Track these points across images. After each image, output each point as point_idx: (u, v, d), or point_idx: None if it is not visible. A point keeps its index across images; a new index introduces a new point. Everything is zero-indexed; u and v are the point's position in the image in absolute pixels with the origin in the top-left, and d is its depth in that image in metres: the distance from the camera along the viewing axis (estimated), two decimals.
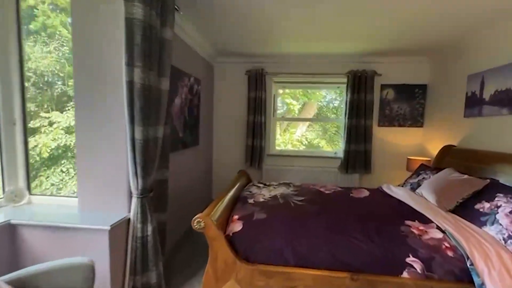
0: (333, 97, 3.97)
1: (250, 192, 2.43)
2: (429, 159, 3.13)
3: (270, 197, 2.26)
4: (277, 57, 3.61)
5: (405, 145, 3.59)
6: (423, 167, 2.74)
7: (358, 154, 3.54)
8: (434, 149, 3.21)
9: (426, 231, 1.69)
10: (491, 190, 1.84)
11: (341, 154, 3.65)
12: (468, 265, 1.43)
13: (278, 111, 4.10)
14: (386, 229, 1.69)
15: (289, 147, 4.10)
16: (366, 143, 3.53)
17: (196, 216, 1.56)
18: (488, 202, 1.77)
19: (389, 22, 2.40)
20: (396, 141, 3.60)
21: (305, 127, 4.26)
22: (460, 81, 2.81)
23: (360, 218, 1.85)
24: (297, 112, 4.13)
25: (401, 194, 2.37)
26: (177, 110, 2.45)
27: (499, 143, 2.30)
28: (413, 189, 2.54)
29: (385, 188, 2.67)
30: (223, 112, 3.88)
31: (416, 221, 1.83)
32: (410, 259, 1.49)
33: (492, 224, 1.64)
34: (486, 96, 2.42)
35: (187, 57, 2.74)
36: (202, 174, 3.42)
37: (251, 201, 2.16)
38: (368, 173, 3.58)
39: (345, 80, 3.55)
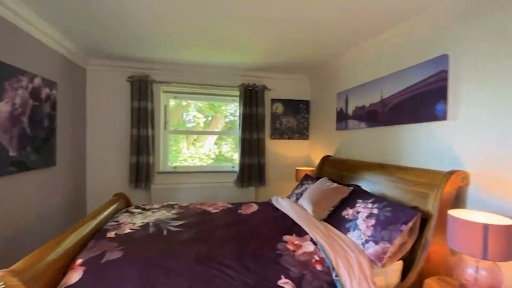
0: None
1: (117, 221, 1.96)
2: (313, 169, 3.37)
3: (139, 226, 1.86)
4: (166, 64, 3.28)
5: (294, 156, 3.80)
6: (306, 177, 2.89)
7: (252, 167, 3.52)
8: (317, 159, 3.49)
9: (300, 245, 1.65)
10: (354, 196, 2.01)
11: (237, 168, 3.56)
12: (333, 277, 1.43)
13: (190, 124, 3.74)
14: (263, 250, 1.57)
15: (196, 162, 3.78)
16: (260, 156, 3.55)
17: None
18: (352, 209, 1.90)
19: (269, 40, 2.45)
20: (286, 153, 3.78)
21: (214, 140, 4.04)
22: (331, 98, 3.15)
23: (239, 240, 1.69)
24: (202, 125, 3.88)
25: (285, 206, 2.38)
26: (3, 120, 1.78)
27: (360, 152, 2.62)
28: (298, 199, 2.61)
29: (273, 201, 2.66)
30: (101, 125, 3.22)
31: (294, 234, 1.80)
32: (282, 281, 1.38)
33: (354, 230, 1.74)
34: (350, 111, 2.75)
35: (27, 50, 2.08)
36: (63, 204, 2.67)
37: (111, 234, 1.71)
38: (263, 185, 3.60)
39: (237, 93, 3.52)
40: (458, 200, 1.61)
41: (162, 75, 3.34)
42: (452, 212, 1.33)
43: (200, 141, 3.98)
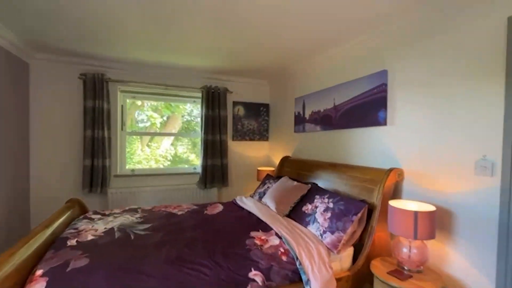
0: (199, 112, 3.87)
1: (76, 229, 1.86)
2: (273, 169, 3.56)
3: (103, 232, 1.80)
4: (123, 63, 3.14)
5: (255, 157, 3.96)
6: (268, 177, 3.06)
7: (215, 168, 3.57)
8: (277, 159, 3.70)
9: (267, 240, 1.79)
10: (312, 193, 2.23)
11: (199, 169, 3.58)
12: (297, 266, 1.60)
13: (142, 125, 3.57)
14: (233, 247, 1.67)
15: (152, 164, 3.64)
16: (222, 157, 3.62)
17: None
18: (310, 204, 2.11)
19: (229, 44, 2.54)
20: (248, 154, 3.91)
21: (170, 141, 3.93)
22: (290, 102, 3.39)
23: (209, 239, 1.76)
24: (159, 126, 3.75)
25: (250, 205, 2.51)
26: None
27: (316, 153, 2.88)
28: (261, 198, 2.76)
29: (238, 201, 2.77)
30: (48, 125, 2.94)
31: (260, 230, 1.93)
32: (252, 274, 1.50)
33: (313, 222, 1.95)
34: (307, 115, 3.01)
35: None
36: (2, 214, 2.38)
37: (72, 242, 1.63)
38: (226, 186, 3.67)
39: (199, 94, 3.54)
40: (395, 193, 1.92)
41: (120, 74, 3.18)
42: (391, 203, 1.61)
43: (156, 142, 3.87)
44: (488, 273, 1.42)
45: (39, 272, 1.31)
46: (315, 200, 2.10)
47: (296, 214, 2.16)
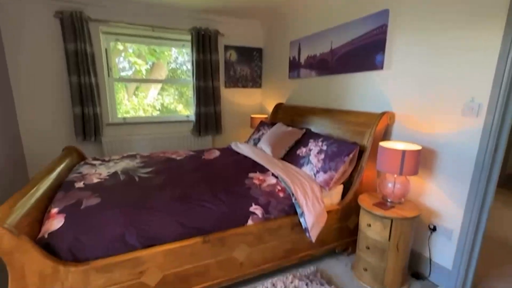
0: (185, 59, 3.68)
1: (80, 173, 1.92)
2: (266, 116, 3.60)
3: (108, 176, 1.88)
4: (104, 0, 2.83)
5: (248, 104, 3.95)
6: (262, 124, 3.12)
7: (209, 116, 3.57)
8: (270, 107, 3.71)
9: (264, 180, 1.92)
10: (306, 137, 2.32)
11: (193, 117, 3.57)
12: (293, 201, 1.76)
13: (124, 73, 3.39)
14: (233, 186, 1.80)
15: (141, 113, 3.57)
16: (216, 104, 3.59)
17: None
18: (305, 148, 2.22)
19: None
20: (241, 102, 3.89)
21: (157, 90, 3.80)
22: (284, 46, 3.26)
23: (210, 180, 1.87)
24: (144, 73, 3.57)
25: (245, 150, 2.60)
26: None
27: (310, 99, 2.90)
28: (256, 144, 2.86)
29: (233, 146, 2.86)
30: (28, 71, 2.76)
31: (257, 172, 2.05)
32: (252, 208, 1.65)
33: (308, 164, 2.08)
34: (302, 60, 2.93)
35: None
36: (1, 160, 2.39)
37: (80, 184, 1.70)
38: (220, 133, 3.73)
39: (189, 37, 3.33)
40: (385, 135, 2.03)
41: (100, 12, 2.90)
42: (382, 144, 1.72)
43: (143, 91, 3.73)
44: (460, 202, 1.62)
45: (54, 209, 1.40)
46: (309, 144, 2.20)
47: (291, 157, 2.28)
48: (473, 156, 1.55)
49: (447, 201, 1.69)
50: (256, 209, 1.66)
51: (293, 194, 1.77)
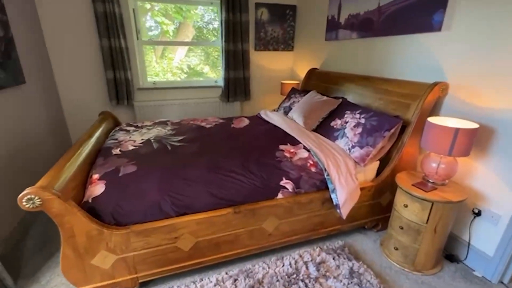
0: (212, 17, 3.48)
1: (116, 139, 1.99)
2: (298, 82, 3.40)
3: (141, 143, 1.92)
4: None
5: (278, 69, 3.74)
6: (294, 91, 2.96)
7: (237, 81, 3.46)
8: (302, 72, 3.49)
9: (295, 153, 1.86)
10: (342, 108, 2.16)
11: (221, 82, 3.48)
12: (325, 176, 1.70)
13: (151, 33, 3.30)
14: (264, 158, 1.76)
15: (169, 76, 3.55)
16: (245, 69, 3.45)
17: (23, 193, 1.10)
18: (340, 119, 2.08)
19: None
20: (271, 66, 3.69)
21: (184, 52, 3.70)
22: (323, 3, 2.91)
23: (241, 151, 1.85)
24: (171, 34, 3.46)
25: (275, 119, 2.51)
26: None
27: (348, 65, 2.65)
28: (286, 112, 2.75)
29: (262, 115, 2.78)
30: (61, 35, 2.78)
31: (288, 144, 1.99)
32: (283, 182, 1.62)
33: (342, 137, 1.96)
34: (342, 20, 2.62)
35: None
36: (44, 125, 2.55)
37: (116, 151, 1.77)
38: (248, 99, 3.64)
39: None
40: (434, 108, 1.82)
41: None
42: (430, 119, 1.54)
43: (170, 52, 3.64)
44: None
45: (96, 176, 1.47)
46: (345, 116, 2.05)
47: (324, 128, 2.17)
48: None
49: (499, 184, 1.53)
50: (286, 183, 1.63)
51: (325, 169, 1.71)
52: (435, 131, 1.48)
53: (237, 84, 3.47)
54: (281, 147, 1.93)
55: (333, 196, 1.68)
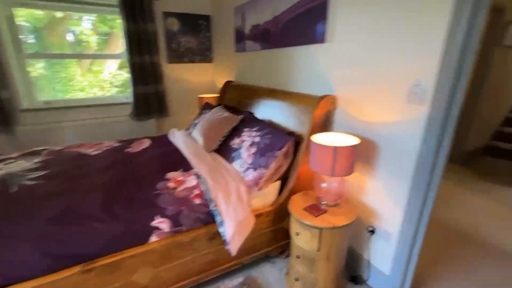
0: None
1: None
2: (218, 95, 3.19)
3: None
4: None
5: (198, 82, 3.50)
6: (207, 106, 2.73)
7: (149, 96, 3.12)
8: (221, 85, 3.30)
9: (183, 181, 1.61)
10: (242, 125, 1.98)
11: (131, 98, 3.11)
12: (211, 208, 1.47)
13: (79, 45, 2.80)
14: (139, 193, 1.48)
15: (97, 91, 3.06)
16: (157, 83, 3.13)
17: None
18: (238, 138, 1.90)
19: None
20: (189, 79, 3.43)
21: (116, 65, 3.24)
22: (229, 13, 2.78)
23: (114, 185, 1.54)
24: (96, 46, 2.99)
25: (180, 140, 2.25)
26: None
27: (258, 77, 2.52)
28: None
29: (170, 135, 2.49)
30: None
31: (181, 170, 1.74)
32: (156, 222, 1.35)
33: (238, 158, 1.77)
34: (247, 30, 2.50)
35: None
36: None
37: None
38: (166, 116, 3.31)
39: (115, 1, 2.76)
40: (328, 123, 1.74)
41: None
42: (313, 137, 1.42)
43: (99, 65, 3.18)
44: (400, 202, 1.40)
45: None
46: (243, 134, 1.88)
47: (225, 149, 1.96)
48: (415, 151, 1.29)
49: (387, 200, 1.47)
50: (161, 222, 1.36)
51: (212, 200, 1.48)
52: (317, 150, 1.36)
53: (149, 100, 3.13)
54: (169, 175, 1.67)
55: (221, 230, 1.46)
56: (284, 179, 1.76)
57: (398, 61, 1.29)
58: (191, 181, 1.62)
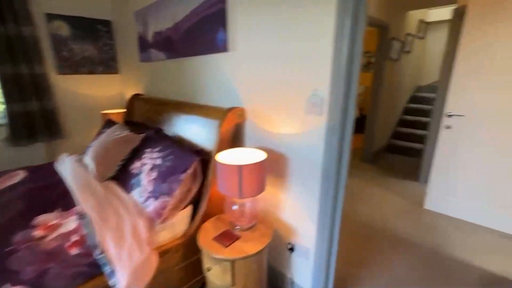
0: None
1: None
2: (125, 110, 2.79)
3: None
4: None
5: (104, 96, 3.02)
6: (109, 123, 2.32)
7: (32, 115, 2.52)
8: None
9: (59, 225, 1.25)
10: (144, 145, 1.70)
11: (4, 119, 2.45)
12: (97, 256, 1.15)
13: None
14: None
15: None
16: (43, 98, 2.56)
17: None
18: (139, 161, 1.61)
19: None
20: (90, 93, 2.93)
21: None
22: (131, 19, 2.47)
23: None
24: None
25: (68, 169, 1.82)
26: None
27: (166, 89, 2.27)
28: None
29: (59, 162, 2.01)
30: None
31: (58, 210, 1.36)
32: None
33: (138, 186, 1.49)
34: (150, 38, 2.23)
35: None
36: None
37: None
38: (60, 138, 2.73)
39: None
40: (237, 137, 1.61)
41: None
42: (218, 156, 1.26)
43: None
44: (312, 216, 1.34)
45: None
46: (144, 156, 1.60)
47: (124, 175, 1.64)
48: (319, 161, 1.25)
49: (302, 215, 1.40)
50: None
51: (98, 245, 1.16)
52: (221, 170, 1.20)
53: (32, 120, 2.52)
54: (38, 220, 1.27)
55: (112, 281, 1.15)
56: (196, 202, 1.54)
57: (296, 71, 1.24)
58: (70, 224, 1.26)
